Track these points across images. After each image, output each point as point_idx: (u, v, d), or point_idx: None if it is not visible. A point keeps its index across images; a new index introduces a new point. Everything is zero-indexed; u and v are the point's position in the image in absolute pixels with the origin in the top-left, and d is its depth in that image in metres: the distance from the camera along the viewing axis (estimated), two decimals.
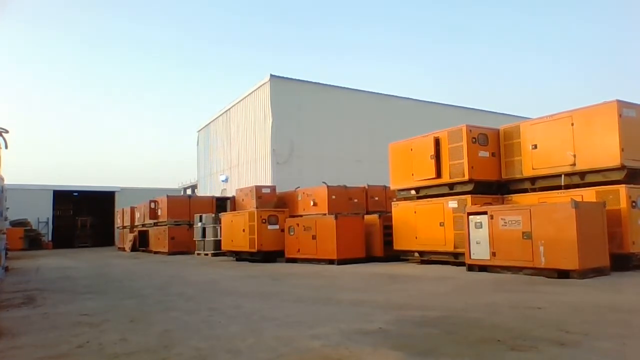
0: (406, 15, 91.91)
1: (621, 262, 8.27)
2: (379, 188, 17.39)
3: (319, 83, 26.18)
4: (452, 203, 10.33)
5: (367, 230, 12.57)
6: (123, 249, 26.64)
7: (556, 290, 6.27)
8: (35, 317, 5.46)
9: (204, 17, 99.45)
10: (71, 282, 9.61)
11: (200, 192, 34.57)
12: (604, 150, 8.65)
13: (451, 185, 10.62)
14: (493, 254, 8.58)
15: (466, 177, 10.13)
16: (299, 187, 18.44)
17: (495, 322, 4.35)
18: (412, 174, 11.41)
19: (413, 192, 11.74)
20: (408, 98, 29.22)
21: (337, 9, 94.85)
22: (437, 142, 10.72)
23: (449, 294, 6.38)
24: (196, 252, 18.56)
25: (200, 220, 18.29)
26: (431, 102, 30.15)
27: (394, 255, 11.98)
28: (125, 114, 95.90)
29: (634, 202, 8.41)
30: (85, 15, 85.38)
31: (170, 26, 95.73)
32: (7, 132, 7.25)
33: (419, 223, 11.12)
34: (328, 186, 16.35)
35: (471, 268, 9.00)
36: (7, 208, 12.96)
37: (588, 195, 8.71)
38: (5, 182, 8.83)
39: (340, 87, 27.02)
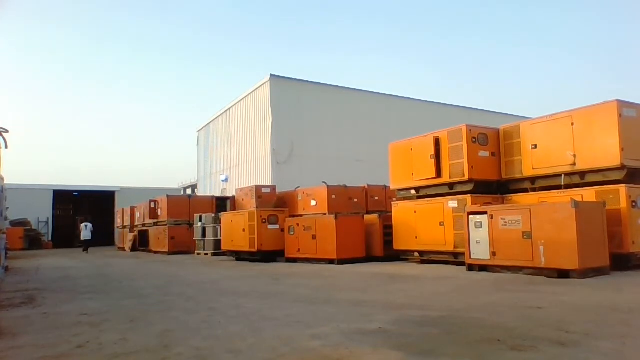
0: (406, 14, 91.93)
1: (621, 262, 8.26)
2: (379, 188, 17.40)
3: (319, 83, 26.20)
4: (452, 203, 10.32)
5: (367, 230, 12.57)
6: (123, 249, 26.66)
7: (556, 290, 6.27)
8: (35, 317, 5.46)
9: (204, 16, 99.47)
10: (71, 282, 9.62)
11: (200, 192, 34.58)
12: (604, 150, 8.64)
13: (451, 185, 10.62)
14: (493, 254, 8.58)
15: (466, 177, 10.13)
16: (299, 187, 18.45)
17: (496, 322, 4.35)
18: (412, 174, 11.41)
19: (413, 191, 11.74)
20: (408, 98, 29.24)
21: (336, 8, 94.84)
22: (437, 142, 10.72)
23: (449, 294, 6.38)
24: (196, 252, 18.57)
25: (200, 220, 18.29)
26: (431, 102, 30.17)
27: (394, 255, 11.98)
28: (126, 114, 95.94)
29: (634, 201, 8.41)
30: (84, 14, 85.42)
31: (171, 26, 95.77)
32: (7, 132, 7.25)
33: (419, 223, 11.12)
34: (328, 186, 16.36)
35: (471, 268, 9.00)
36: (7, 208, 12.97)
37: (588, 195, 8.71)
38: (5, 182, 8.84)
39: (340, 87, 27.03)
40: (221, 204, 21.49)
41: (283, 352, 3.52)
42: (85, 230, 25.56)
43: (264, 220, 13.85)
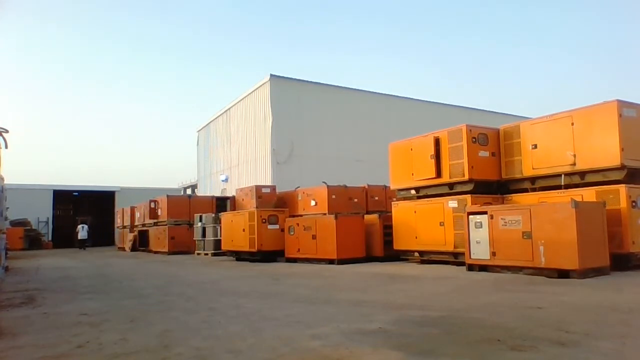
0: (406, 14, 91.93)
1: (621, 262, 8.26)
2: (379, 188, 17.40)
3: (319, 83, 26.19)
4: (452, 203, 10.32)
5: (367, 230, 12.56)
6: (123, 249, 26.65)
7: (556, 290, 6.27)
8: (35, 317, 5.46)
9: (204, 16, 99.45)
10: (71, 282, 9.61)
11: (200, 192, 34.58)
12: (604, 150, 8.64)
13: (451, 185, 10.62)
14: (493, 254, 8.58)
15: (466, 177, 10.13)
16: (299, 187, 18.45)
17: (496, 322, 4.35)
18: (412, 174, 11.40)
19: (413, 191, 11.73)
20: (408, 98, 29.23)
21: (336, 8, 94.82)
22: (437, 142, 10.72)
23: (449, 294, 6.38)
24: (196, 252, 18.57)
25: (200, 220, 18.29)
26: (431, 102, 30.16)
27: (394, 255, 11.98)
28: (126, 114, 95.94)
29: (634, 201, 8.41)
30: (84, 14, 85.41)
31: (171, 26, 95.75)
32: (7, 132, 7.26)
33: (419, 223, 11.12)
34: (328, 186, 16.35)
35: (471, 268, 9.00)
36: (7, 208, 12.96)
37: (588, 195, 8.70)
38: (5, 182, 8.84)
39: (340, 87, 27.03)
40: (221, 204, 21.48)
41: (283, 352, 3.52)
42: (82, 231, 28.94)
43: (264, 220, 13.85)
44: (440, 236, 10.50)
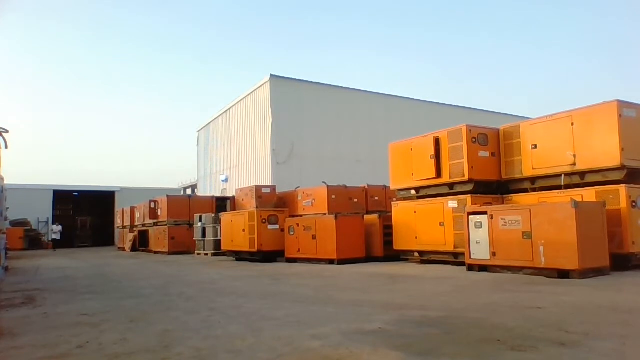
0: (406, 14, 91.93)
1: (621, 262, 8.26)
2: (379, 188, 17.40)
3: (319, 83, 26.19)
4: (452, 203, 10.32)
5: (367, 230, 12.56)
6: (123, 249, 26.65)
7: (556, 290, 6.27)
8: (35, 317, 5.46)
9: (204, 17, 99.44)
10: (71, 282, 9.61)
11: (200, 192, 34.58)
12: (604, 150, 8.64)
13: (451, 185, 10.62)
14: (493, 254, 8.58)
15: (466, 177, 10.12)
16: (299, 187, 18.44)
17: (495, 322, 4.35)
18: (412, 174, 11.40)
19: (413, 192, 11.73)
20: (408, 98, 29.24)
21: (336, 8, 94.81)
22: (437, 142, 10.72)
23: (449, 294, 6.38)
24: (196, 252, 18.56)
25: (200, 220, 18.29)
26: (431, 102, 30.17)
27: (394, 255, 11.98)
28: (126, 114, 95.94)
29: (634, 202, 8.41)
30: (84, 14, 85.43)
31: (171, 26, 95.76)
32: (7, 132, 7.26)
33: (419, 223, 11.12)
34: (328, 186, 16.35)
35: (471, 268, 9.00)
36: (7, 208, 12.96)
37: (588, 195, 8.70)
38: (5, 182, 8.84)
39: (340, 87, 27.03)
40: (221, 204, 21.48)
41: (283, 352, 3.52)
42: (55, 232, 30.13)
43: (264, 221, 13.84)
44: (440, 236, 10.50)
